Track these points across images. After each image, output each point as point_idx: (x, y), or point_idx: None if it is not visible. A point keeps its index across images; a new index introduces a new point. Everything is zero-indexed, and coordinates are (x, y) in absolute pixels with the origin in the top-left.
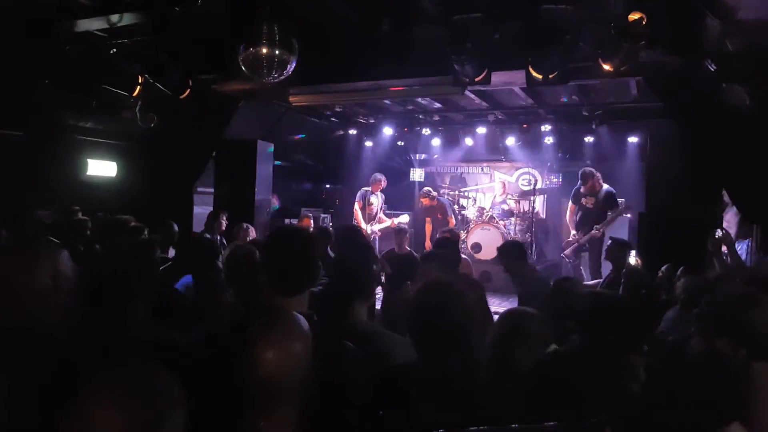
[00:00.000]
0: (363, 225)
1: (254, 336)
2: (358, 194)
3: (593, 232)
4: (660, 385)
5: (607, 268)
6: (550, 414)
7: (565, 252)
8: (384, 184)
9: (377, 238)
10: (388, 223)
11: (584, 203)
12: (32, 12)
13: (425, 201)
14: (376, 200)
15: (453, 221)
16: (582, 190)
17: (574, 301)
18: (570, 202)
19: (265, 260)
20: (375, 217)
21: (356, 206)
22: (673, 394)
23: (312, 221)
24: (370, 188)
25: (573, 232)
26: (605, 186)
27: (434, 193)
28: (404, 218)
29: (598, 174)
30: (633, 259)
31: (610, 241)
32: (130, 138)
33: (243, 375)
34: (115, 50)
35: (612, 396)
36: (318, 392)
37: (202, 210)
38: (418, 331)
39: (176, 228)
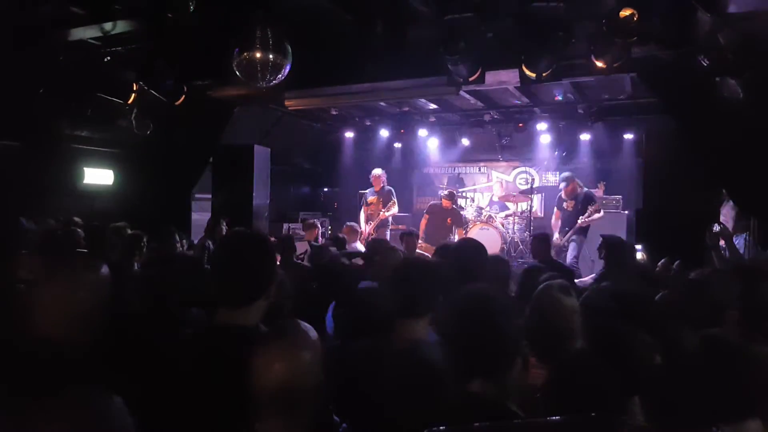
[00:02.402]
0: (362, 227)
1: (263, 344)
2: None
3: (573, 229)
4: (673, 379)
5: (584, 258)
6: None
7: None
8: (381, 178)
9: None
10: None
11: (566, 207)
12: (26, 21)
13: (445, 202)
14: (375, 198)
15: (462, 233)
16: (563, 194)
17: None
18: (555, 207)
19: (211, 269)
20: (375, 216)
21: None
22: (687, 387)
23: (318, 230)
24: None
25: (556, 235)
26: (585, 189)
27: (457, 197)
28: (394, 209)
29: (578, 179)
30: (639, 254)
31: (601, 240)
32: (126, 145)
33: (249, 383)
34: (109, 58)
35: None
36: (332, 401)
37: (200, 216)
38: (462, 348)
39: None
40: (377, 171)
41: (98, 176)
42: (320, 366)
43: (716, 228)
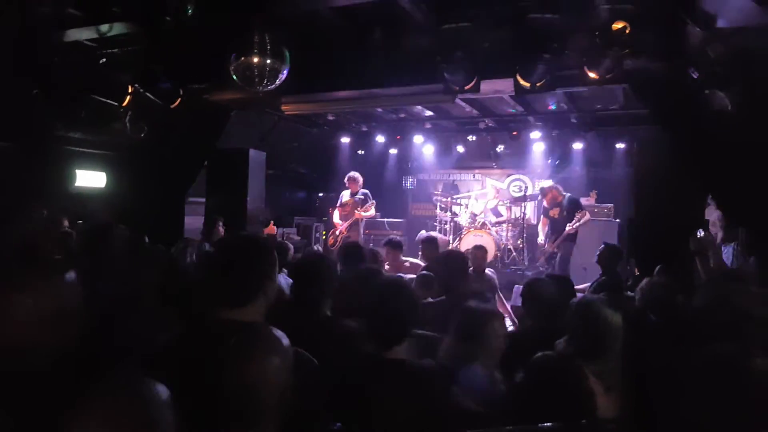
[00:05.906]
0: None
1: (232, 350)
2: None
3: (562, 236)
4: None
5: (576, 266)
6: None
7: (539, 261)
8: (356, 181)
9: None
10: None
11: (552, 215)
12: (22, 22)
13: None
14: (351, 199)
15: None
16: (545, 204)
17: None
18: (542, 215)
19: (208, 271)
20: (350, 216)
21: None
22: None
23: (275, 228)
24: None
25: (541, 237)
26: (567, 195)
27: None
28: (371, 212)
29: (558, 186)
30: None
31: (602, 247)
32: (119, 148)
33: (221, 389)
34: (104, 60)
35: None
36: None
37: (193, 220)
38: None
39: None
40: (354, 174)
41: (90, 179)
42: (289, 373)
43: (701, 233)
